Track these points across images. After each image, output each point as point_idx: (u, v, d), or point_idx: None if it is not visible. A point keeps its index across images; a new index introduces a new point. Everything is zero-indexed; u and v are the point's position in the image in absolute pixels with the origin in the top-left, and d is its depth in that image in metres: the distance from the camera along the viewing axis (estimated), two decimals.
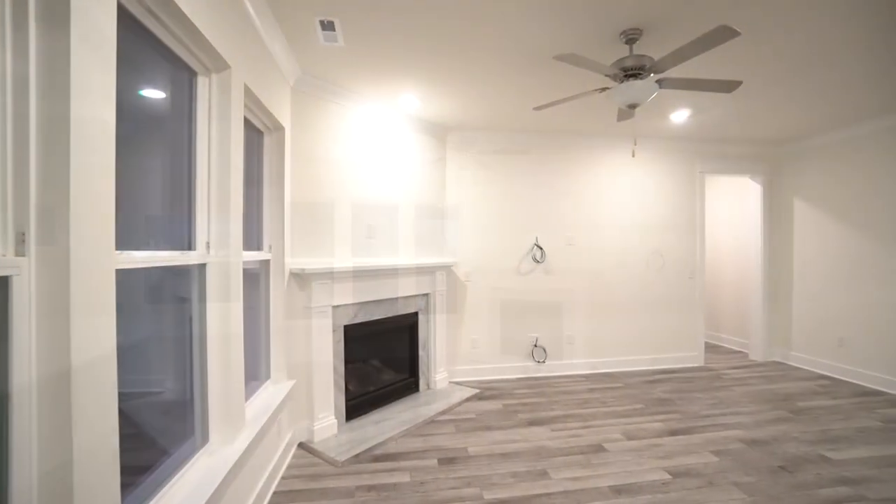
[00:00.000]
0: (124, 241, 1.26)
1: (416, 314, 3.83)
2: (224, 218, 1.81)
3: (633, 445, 2.83)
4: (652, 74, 2.30)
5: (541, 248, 4.41)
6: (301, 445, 2.83)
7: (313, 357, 2.88)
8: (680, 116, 3.81)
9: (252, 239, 2.50)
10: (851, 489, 2.30)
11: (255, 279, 2.55)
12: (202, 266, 1.75)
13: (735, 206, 5.54)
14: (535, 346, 4.42)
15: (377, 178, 3.49)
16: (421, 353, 3.89)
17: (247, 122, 2.30)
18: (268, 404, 2.33)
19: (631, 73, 2.26)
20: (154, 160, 1.56)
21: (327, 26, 2.27)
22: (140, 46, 1.40)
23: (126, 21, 1.28)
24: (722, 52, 2.55)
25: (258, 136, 2.58)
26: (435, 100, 3.38)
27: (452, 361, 4.26)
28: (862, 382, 4.04)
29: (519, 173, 4.40)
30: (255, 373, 2.49)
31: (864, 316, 4.05)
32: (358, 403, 3.30)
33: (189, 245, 1.70)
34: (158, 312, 1.59)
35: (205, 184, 1.76)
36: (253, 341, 2.46)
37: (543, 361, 4.42)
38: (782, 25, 2.26)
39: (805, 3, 2.05)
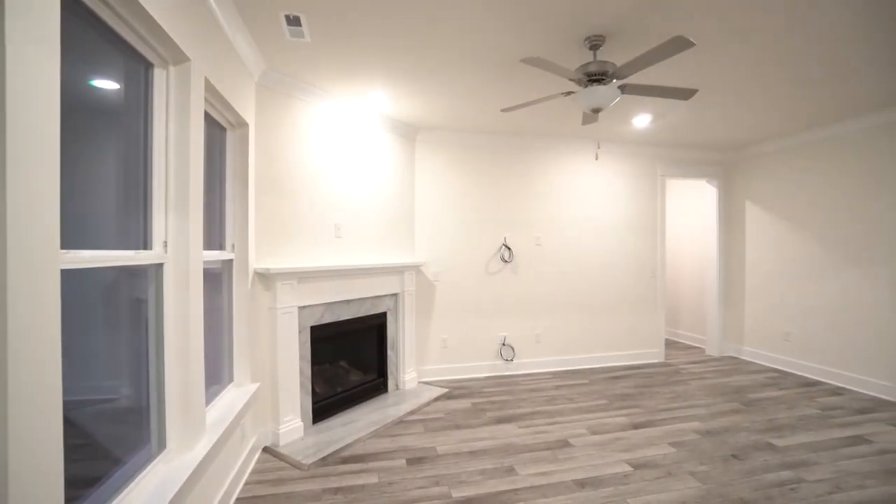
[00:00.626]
0: (74, 239, 1.20)
1: (384, 314, 3.81)
2: (183, 216, 1.74)
3: (597, 440, 2.91)
4: (615, 80, 2.38)
5: (509, 248, 4.48)
6: (266, 450, 2.76)
7: (278, 359, 2.82)
8: (642, 121, 3.96)
9: (214, 238, 2.42)
10: (793, 473, 2.47)
11: (217, 279, 2.47)
12: (159, 266, 1.68)
13: (693, 208, 5.80)
14: (504, 344, 4.48)
15: (345, 176, 3.45)
16: (390, 353, 3.87)
17: (208, 117, 2.23)
18: (230, 408, 2.26)
19: (594, 78, 2.33)
20: (108, 154, 1.48)
21: (293, 21, 2.22)
22: (90, 34, 1.33)
23: (74, 8, 1.21)
24: (682, 61, 2.67)
25: (220, 132, 2.50)
26: (404, 99, 3.37)
27: (422, 361, 4.26)
28: (804, 374, 4.32)
29: (488, 174, 4.45)
30: (217, 376, 2.41)
31: (807, 312, 4.33)
32: (325, 405, 3.24)
33: (145, 244, 1.63)
34: (113, 315, 1.52)
35: (162, 180, 1.69)
36: (215, 344, 2.38)
37: (512, 360, 4.49)
38: (734, 39, 2.39)
39: (756, 17, 2.18)
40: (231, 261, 2.60)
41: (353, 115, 3.52)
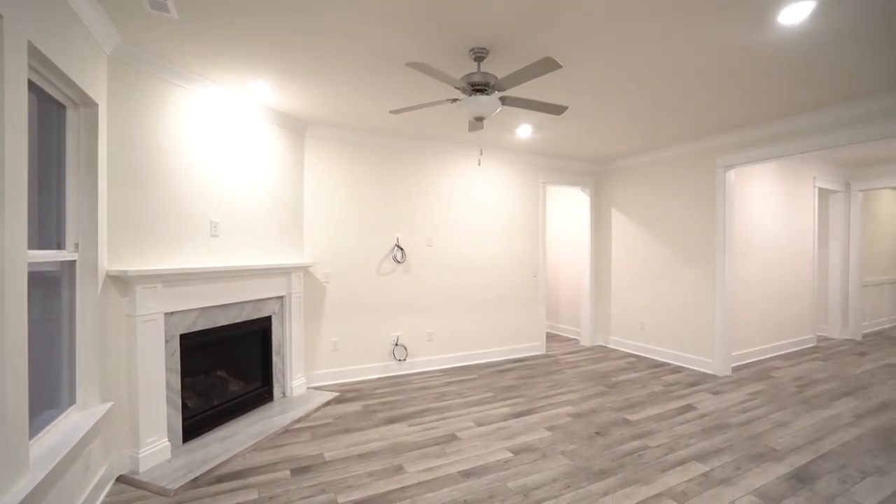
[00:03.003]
0: None
1: (269, 318, 3.57)
2: None
3: (482, 431, 3.08)
4: (496, 91, 2.54)
5: (401, 249, 4.51)
6: (121, 479, 2.41)
7: (139, 373, 2.48)
8: (524, 132, 4.29)
9: (48, 235, 2.05)
10: (641, 442, 2.88)
11: (53, 284, 2.09)
12: None
13: (571, 213, 6.45)
14: (396, 344, 4.50)
15: (224, 170, 3.16)
16: (275, 359, 3.64)
17: (40, 91, 1.88)
18: (69, 436, 1.92)
19: (478, 88, 2.46)
20: None
21: None
22: None
23: None
24: (559, 81, 2.94)
25: (58, 111, 2.12)
26: (290, 92, 3.20)
27: (311, 366, 4.09)
28: (655, 357, 5.08)
29: (380, 174, 4.43)
30: (52, 399, 2.04)
31: (656, 304, 5.10)
32: (199, 421, 2.93)
33: None
34: None
35: None
36: (50, 360, 2.00)
37: (404, 359, 4.53)
38: (601, 65, 2.71)
39: (621, 48, 2.50)
40: (74, 262, 2.22)
41: (236, 104, 3.24)
